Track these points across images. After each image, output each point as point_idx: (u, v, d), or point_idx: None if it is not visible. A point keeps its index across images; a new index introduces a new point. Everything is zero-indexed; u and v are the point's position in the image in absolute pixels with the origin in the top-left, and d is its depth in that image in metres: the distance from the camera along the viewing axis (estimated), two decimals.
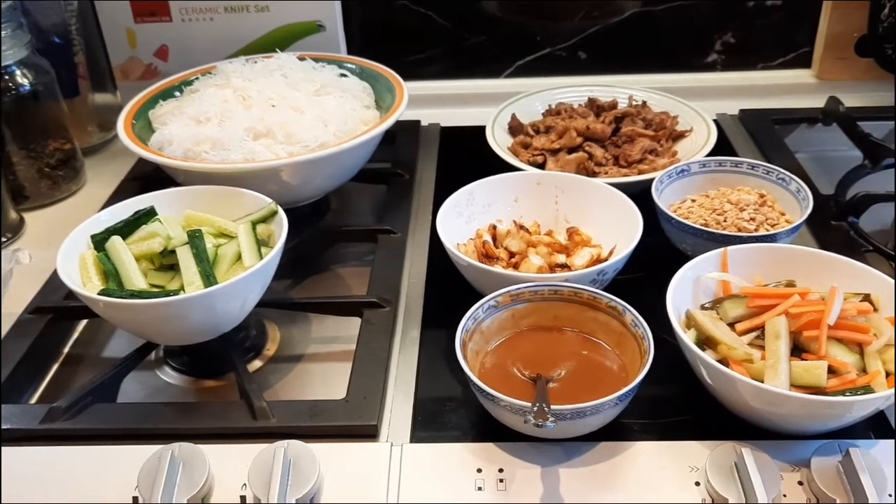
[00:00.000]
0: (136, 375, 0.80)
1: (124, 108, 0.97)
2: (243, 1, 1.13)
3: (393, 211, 0.98)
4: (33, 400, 0.78)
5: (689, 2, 1.22)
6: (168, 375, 0.81)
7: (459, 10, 1.24)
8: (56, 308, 0.83)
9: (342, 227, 0.97)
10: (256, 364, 0.82)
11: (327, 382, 0.79)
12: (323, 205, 1.02)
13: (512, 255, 0.86)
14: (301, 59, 1.06)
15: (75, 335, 0.86)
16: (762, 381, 0.64)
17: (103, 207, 1.01)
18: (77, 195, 1.10)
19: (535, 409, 0.59)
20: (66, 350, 0.84)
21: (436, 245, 0.83)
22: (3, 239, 0.98)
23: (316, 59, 1.07)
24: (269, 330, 0.86)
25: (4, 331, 0.81)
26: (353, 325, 0.82)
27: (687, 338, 0.65)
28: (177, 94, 1.02)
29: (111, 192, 1.05)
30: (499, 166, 0.99)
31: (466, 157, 1.12)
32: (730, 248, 0.75)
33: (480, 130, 1.08)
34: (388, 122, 0.92)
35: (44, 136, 1.05)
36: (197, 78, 1.04)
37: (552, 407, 0.60)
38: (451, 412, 0.71)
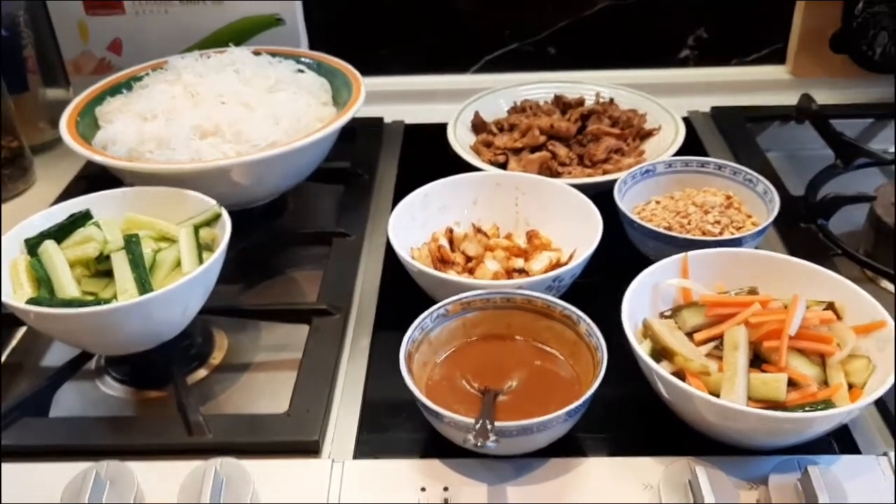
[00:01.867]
0: (74, 386, 0.76)
1: (68, 106, 0.93)
2: None
3: (350, 213, 0.95)
4: None
5: None
6: (108, 386, 0.77)
7: (425, 3, 1.20)
8: None
9: (295, 230, 0.94)
10: (201, 374, 0.78)
11: (274, 393, 0.76)
12: (279, 205, 0.99)
13: (469, 259, 0.83)
14: (257, 53, 1.03)
15: (13, 343, 0.82)
16: (719, 395, 0.61)
17: (49, 207, 0.98)
18: (25, 195, 1.05)
19: (478, 426, 0.56)
20: (2, 359, 0.81)
21: (392, 249, 0.80)
22: None
23: (273, 54, 1.03)
24: (216, 337, 0.82)
25: None
26: (304, 332, 0.79)
27: (641, 349, 0.63)
28: (125, 90, 0.98)
29: (59, 192, 1.02)
30: (462, 166, 0.96)
31: (429, 155, 1.08)
32: (690, 253, 0.73)
33: (445, 128, 1.05)
34: (343, 120, 0.88)
35: None
36: (147, 73, 1.00)
37: (497, 424, 0.57)
38: (398, 426, 0.68)
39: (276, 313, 0.80)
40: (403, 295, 0.81)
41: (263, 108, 0.90)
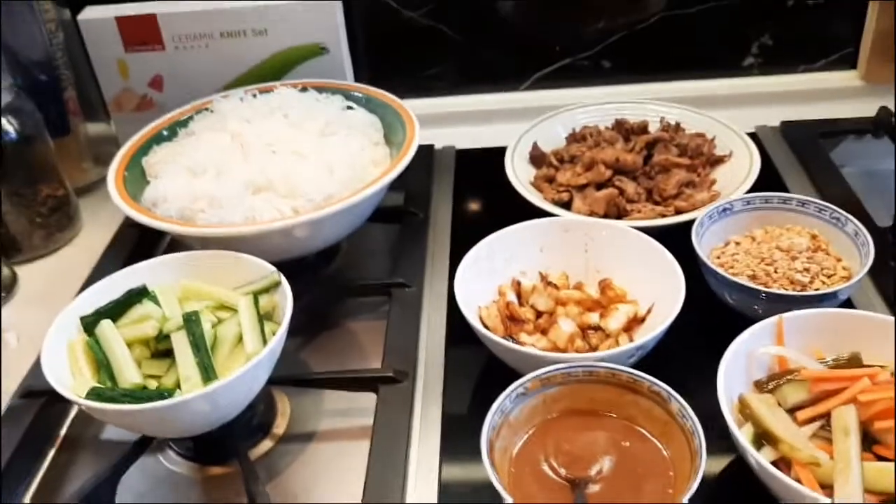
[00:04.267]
0: (137, 461, 0.74)
1: (114, 159, 0.90)
2: (240, 26, 1.04)
3: (406, 258, 0.90)
4: (30, 493, 0.73)
5: (723, 2, 1.11)
6: (171, 461, 0.74)
7: (471, 20, 1.15)
8: (49, 391, 0.77)
9: (353, 283, 0.90)
10: (265, 445, 0.75)
11: (342, 469, 0.72)
12: (331, 249, 0.95)
13: (539, 314, 0.79)
14: (303, 89, 0.98)
15: (72, 414, 0.80)
16: (829, 485, 0.56)
17: (100, 260, 0.96)
18: (73, 244, 1.03)
19: None
20: (62, 433, 0.78)
21: (455, 299, 0.76)
22: None
23: (319, 89, 0.99)
24: (278, 403, 0.79)
25: None
26: (368, 395, 0.75)
27: (744, 439, 0.58)
28: (170, 135, 0.94)
29: (108, 241, 0.99)
30: (520, 200, 0.92)
31: (485, 187, 1.04)
32: (785, 316, 0.67)
33: (499, 153, 1.00)
34: (399, 168, 0.84)
35: (34, 182, 0.98)
36: (191, 117, 0.96)
37: None
38: None
39: (341, 382, 0.77)
40: (471, 352, 0.77)
41: (316, 156, 0.85)
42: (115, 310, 0.72)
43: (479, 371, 0.78)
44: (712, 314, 0.78)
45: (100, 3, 1.07)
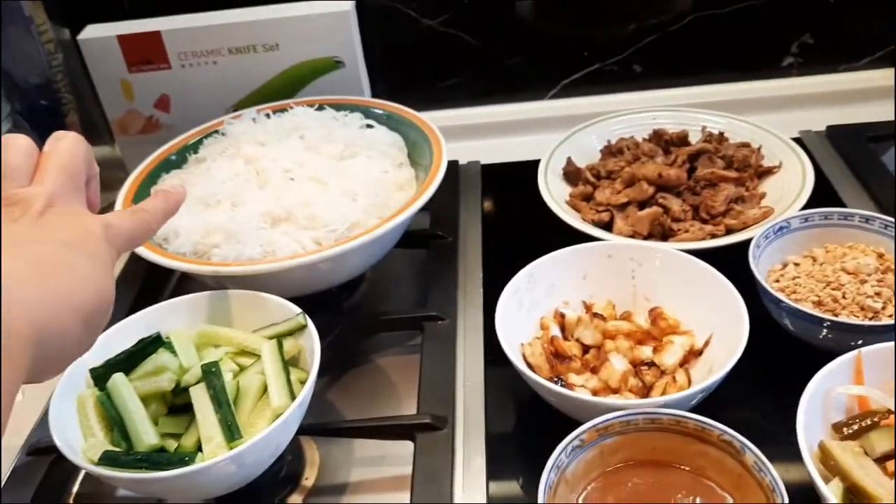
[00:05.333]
0: None
1: (121, 191, 0.84)
2: (250, 41, 0.98)
3: (436, 287, 0.84)
4: None
5: (758, 1, 1.05)
6: None
7: (492, 26, 1.08)
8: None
9: (382, 316, 0.84)
10: (295, 500, 0.69)
11: None
12: (355, 279, 0.89)
13: (586, 349, 0.73)
14: (320, 107, 0.92)
15: (83, 471, 0.74)
16: None
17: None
18: None
19: None
20: (74, 489, 0.73)
21: (490, 330, 0.71)
22: None
23: (336, 106, 0.93)
24: (306, 451, 0.73)
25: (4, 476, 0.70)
26: (401, 442, 0.70)
27: (832, 495, 0.52)
28: (178, 161, 0.88)
29: (116, 276, 0.93)
30: (554, 221, 0.85)
31: (515, 205, 0.98)
32: (864, 350, 0.61)
33: (527, 167, 0.94)
34: (427, 195, 0.78)
35: None
36: (201, 141, 0.90)
37: None
38: None
39: (376, 430, 0.71)
40: (512, 391, 0.72)
41: (336, 182, 0.80)
42: (128, 361, 0.66)
43: (522, 412, 0.72)
44: (773, 345, 0.72)
45: (101, 21, 1.01)
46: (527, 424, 0.71)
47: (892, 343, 0.62)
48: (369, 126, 0.91)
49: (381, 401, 0.78)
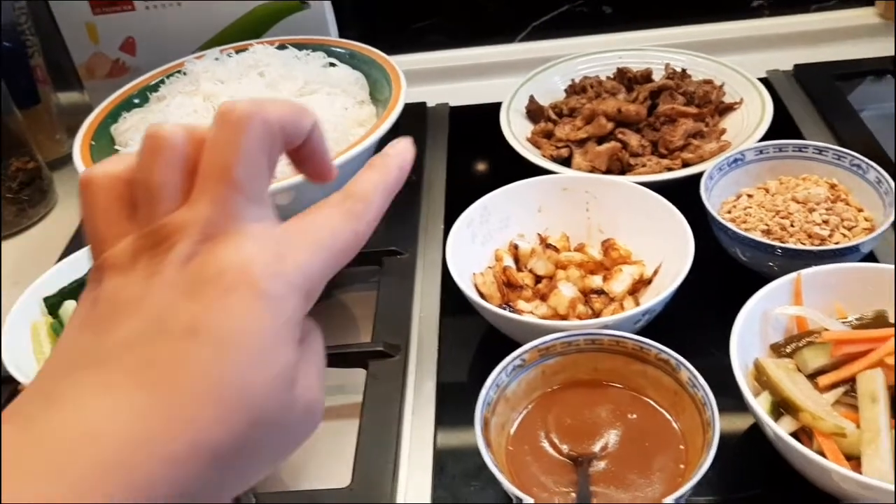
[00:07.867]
0: None
1: (80, 129, 0.84)
2: None
3: (399, 224, 0.85)
4: None
5: None
6: None
7: None
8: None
9: None
10: None
11: (332, 450, 0.68)
12: None
13: (538, 279, 0.73)
14: (281, 46, 0.92)
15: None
16: (857, 458, 0.51)
17: (74, 237, 0.91)
18: (47, 219, 0.98)
19: None
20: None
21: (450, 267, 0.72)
22: None
23: (299, 46, 0.93)
24: None
25: None
26: (360, 371, 0.71)
27: (761, 408, 0.53)
28: (140, 102, 0.89)
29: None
30: (518, 160, 0.86)
31: (481, 145, 0.98)
32: (804, 272, 0.62)
33: (495, 109, 0.94)
34: (384, 128, 0.78)
35: (1, 156, 0.93)
36: (163, 80, 0.90)
37: None
38: (478, 492, 0.60)
39: (329, 358, 0.72)
40: (468, 322, 0.73)
41: None
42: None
43: (476, 342, 0.73)
44: (724, 273, 0.73)
45: None
46: (480, 353, 0.73)
47: (831, 265, 0.63)
48: (332, 65, 0.91)
49: (341, 334, 0.79)
